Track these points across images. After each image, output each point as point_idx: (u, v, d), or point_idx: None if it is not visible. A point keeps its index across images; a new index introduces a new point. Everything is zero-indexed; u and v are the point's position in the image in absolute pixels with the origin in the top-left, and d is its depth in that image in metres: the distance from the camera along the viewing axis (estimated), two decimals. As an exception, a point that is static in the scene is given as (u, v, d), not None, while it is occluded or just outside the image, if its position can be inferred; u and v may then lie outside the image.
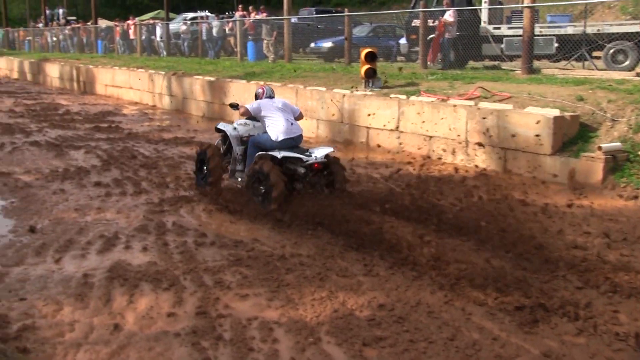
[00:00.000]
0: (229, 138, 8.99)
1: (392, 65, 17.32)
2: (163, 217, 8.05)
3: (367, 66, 13.64)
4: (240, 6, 27.45)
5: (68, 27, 38.34)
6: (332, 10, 29.23)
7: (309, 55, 23.54)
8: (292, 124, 8.39)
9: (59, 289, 5.76)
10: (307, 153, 8.09)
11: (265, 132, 8.42)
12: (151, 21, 32.12)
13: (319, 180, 8.19)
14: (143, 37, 29.39)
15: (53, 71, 30.76)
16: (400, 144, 12.24)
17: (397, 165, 11.07)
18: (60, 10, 46.50)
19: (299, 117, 8.81)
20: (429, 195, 8.63)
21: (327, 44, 22.28)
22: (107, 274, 6.07)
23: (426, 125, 11.75)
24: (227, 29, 25.75)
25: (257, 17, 24.00)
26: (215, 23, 25.97)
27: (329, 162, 8.18)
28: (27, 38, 43.65)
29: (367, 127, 12.99)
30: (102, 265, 6.32)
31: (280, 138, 8.21)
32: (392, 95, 12.70)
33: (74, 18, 47.71)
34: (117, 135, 14.62)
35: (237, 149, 8.85)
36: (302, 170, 8.05)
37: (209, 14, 33.43)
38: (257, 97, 8.90)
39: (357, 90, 13.61)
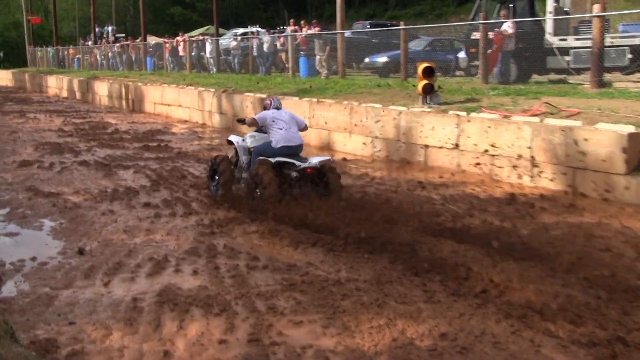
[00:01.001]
0: None
1: (451, 81, 17.19)
2: (214, 239, 8.09)
3: (424, 82, 13.55)
4: (291, 21, 27.76)
5: (117, 44, 39.26)
6: (387, 23, 29.18)
7: (363, 70, 23.54)
8: (293, 133, 9.39)
9: (108, 313, 5.82)
10: (303, 160, 9.14)
11: (269, 141, 9.37)
12: (201, 37, 32.63)
13: (315, 186, 9.05)
14: (192, 54, 29.90)
15: (102, 89, 31.51)
16: (460, 163, 12.10)
17: (457, 185, 10.94)
18: (110, 28, 47.79)
19: (304, 128, 9.86)
20: (492, 218, 8.50)
21: (382, 59, 22.25)
22: (157, 298, 6.11)
23: (488, 144, 11.59)
24: (278, 45, 26.00)
25: (310, 31, 24.15)
26: (266, 38, 26.26)
27: (324, 168, 9.07)
28: (77, 56, 44.94)
29: (425, 146, 12.89)
30: (151, 289, 6.38)
31: (280, 145, 9.22)
32: (451, 112, 12.57)
33: (122, 35, 48.95)
34: (167, 154, 14.84)
35: (244, 158, 9.92)
36: (294, 174, 9.00)
37: (259, 29, 33.87)
38: (265, 107, 9.92)
39: (414, 107, 13.53)
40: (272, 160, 9.04)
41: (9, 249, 7.95)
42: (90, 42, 45.69)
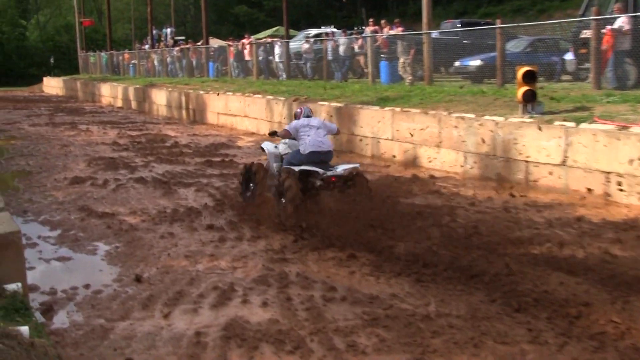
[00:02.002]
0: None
1: (556, 86, 16.90)
2: (285, 267, 8.15)
3: (525, 88, 13.37)
4: (371, 20, 27.78)
5: (176, 48, 40.07)
6: (480, 22, 28.94)
7: (453, 75, 23.40)
8: (322, 139, 10.36)
9: (169, 349, 5.91)
10: (330, 168, 10.17)
11: (298, 149, 10.40)
12: (269, 40, 33.07)
13: (342, 193, 9.99)
14: (260, 58, 30.29)
15: (160, 98, 32.27)
16: (568, 181, 11.86)
17: (564, 207, 10.72)
18: (168, 30, 48.80)
19: (336, 132, 11.25)
20: (607, 245, 8.30)
21: (475, 62, 22.04)
22: (223, 332, 6.17)
23: (601, 159, 11.32)
24: (356, 47, 26.09)
25: (392, 32, 24.17)
26: (343, 40, 26.39)
27: (351, 176, 10.12)
28: (132, 61, 46.16)
29: (526, 161, 12.69)
30: (216, 322, 6.45)
31: (308, 151, 10.19)
32: (556, 123, 12.36)
33: (182, 38, 49.90)
34: (232, 170, 15.04)
35: (274, 166, 10.89)
36: (318, 182, 10.01)
37: (334, 30, 34.01)
38: (295, 117, 11.17)
39: (512, 117, 13.35)
40: (296, 169, 10.05)
41: (60, 275, 8.20)
42: (147, 46, 46.80)
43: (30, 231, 10.01)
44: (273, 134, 11.29)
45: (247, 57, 31.81)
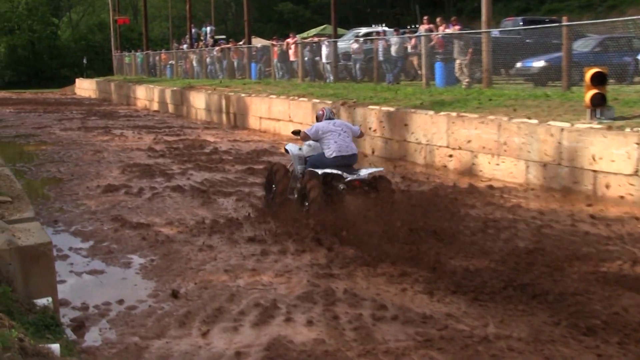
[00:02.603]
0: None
1: (629, 90, 16.68)
2: (332, 283, 8.16)
3: (593, 91, 13.23)
4: (425, 18, 27.69)
5: (216, 48, 40.37)
6: (544, 19, 28.75)
7: (514, 77, 23.22)
8: (346, 142, 10.93)
9: (207, 369, 5.96)
10: (354, 172, 10.71)
11: (323, 152, 10.96)
12: (315, 39, 33.17)
13: (365, 197, 10.45)
14: (305, 59, 30.40)
15: (198, 101, 32.57)
16: (642, 193, 11.70)
17: (636, 221, 10.56)
18: (208, 28, 49.13)
19: (360, 135, 11.76)
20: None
21: (539, 64, 21.85)
22: (265, 352, 6.21)
23: (678, 169, 11.16)
24: (409, 47, 26.06)
25: (448, 31, 24.10)
26: (395, 40, 26.40)
27: (375, 180, 10.74)
28: (170, 62, 46.64)
29: (594, 171, 12.55)
30: (258, 342, 6.49)
31: (333, 155, 10.79)
32: (628, 129, 12.20)
33: (223, 37, 50.31)
34: (274, 179, 15.11)
35: (298, 168, 11.50)
36: (342, 186, 10.49)
37: (386, 28, 34.07)
38: (317, 119, 11.65)
39: (579, 123, 13.22)
40: (320, 172, 10.66)
41: (92, 289, 8.32)
42: (185, 46, 47.27)
43: (61, 242, 10.19)
44: (296, 132, 11.91)
45: (292, 58, 31.93)
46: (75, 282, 8.58)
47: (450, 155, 15.88)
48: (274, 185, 11.73)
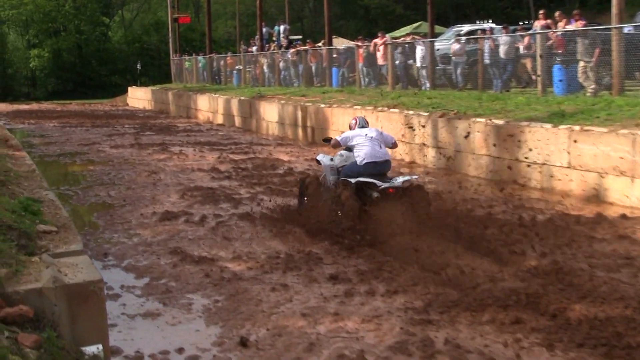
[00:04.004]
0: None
1: None
2: (430, 331, 8.09)
3: None
4: (541, 13, 27.33)
5: (291, 50, 40.52)
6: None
7: (651, 83, 22.80)
8: (378, 149, 12.39)
9: None
10: (388, 180, 12.01)
11: (355, 160, 12.45)
12: (408, 39, 33.06)
13: (399, 205, 11.56)
14: (397, 62, 30.29)
15: (270, 113, 32.77)
16: None
17: None
18: (281, 27, 49.37)
19: (393, 145, 13.33)
20: None
21: (682, 66, 21.44)
22: (350, 415, 6.16)
23: None
24: (521, 48, 25.81)
25: (569, 27, 23.79)
26: (504, 39, 26.16)
27: (410, 188, 11.99)
28: (237, 67, 47.02)
29: None
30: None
31: (365, 161, 12.21)
32: None
33: (299, 38, 50.59)
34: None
35: (330, 179, 12.94)
36: (375, 195, 11.78)
37: (492, 25, 33.75)
38: (350, 127, 13.31)
39: None
40: (353, 181, 11.98)
41: (148, 335, 8.39)
42: (254, 48, 47.66)
43: (112, 279, 10.33)
44: (327, 140, 13.89)
45: (380, 61, 31.88)
46: (128, 327, 8.66)
47: (572, 178, 15.62)
48: (305, 199, 13.47)
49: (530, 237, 11.52)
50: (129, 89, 66.48)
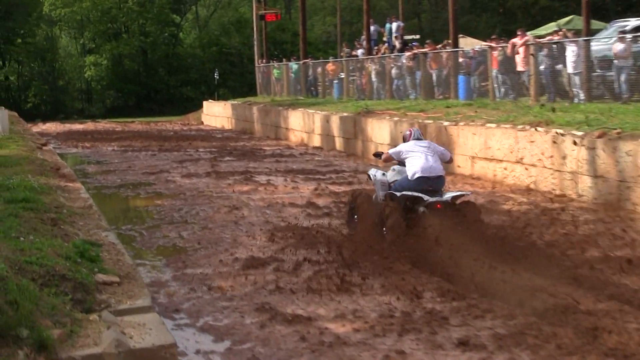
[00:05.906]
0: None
1: None
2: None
3: None
4: None
5: (406, 53, 40.23)
6: None
7: None
8: (433, 163, 14.28)
9: None
10: (439, 195, 14.04)
11: (407, 175, 14.51)
12: (555, 37, 32.71)
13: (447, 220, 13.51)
14: (541, 68, 29.99)
15: (380, 133, 32.71)
16: None
17: None
18: (394, 25, 48.81)
19: (450, 160, 15.72)
20: None
21: None
22: None
23: None
24: None
25: None
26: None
27: (459, 203, 13.89)
28: (339, 75, 47.00)
29: None
30: None
31: (416, 176, 14.15)
32: None
33: (415, 38, 50.37)
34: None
35: (380, 194, 14.99)
36: (422, 209, 13.75)
37: (667, 19, 33.23)
38: (404, 140, 15.40)
39: None
40: (398, 194, 14.11)
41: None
42: (360, 51, 47.63)
43: (185, 342, 10.33)
44: (378, 155, 16.28)
45: (520, 67, 31.62)
46: (206, 403, 8.70)
47: None
48: (356, 216, 15.63)
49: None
50: (204, 103, 67.15)
